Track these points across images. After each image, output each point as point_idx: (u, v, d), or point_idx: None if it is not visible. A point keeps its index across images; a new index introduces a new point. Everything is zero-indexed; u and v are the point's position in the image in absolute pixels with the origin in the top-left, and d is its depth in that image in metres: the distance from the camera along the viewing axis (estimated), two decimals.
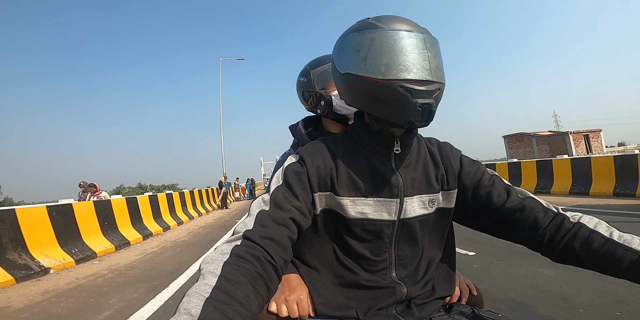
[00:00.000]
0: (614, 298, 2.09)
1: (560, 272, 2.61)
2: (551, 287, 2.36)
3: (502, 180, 0.73)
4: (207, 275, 0.48)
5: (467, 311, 0.72)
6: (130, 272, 3.86)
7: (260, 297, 0.49)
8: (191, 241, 5.77)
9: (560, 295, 2.21)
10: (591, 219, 0.64)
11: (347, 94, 0.69)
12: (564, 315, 1.94)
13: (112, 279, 3.63)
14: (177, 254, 4.76)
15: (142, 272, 3.83)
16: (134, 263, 4.35)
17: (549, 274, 2.61)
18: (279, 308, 0.68)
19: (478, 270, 2.88)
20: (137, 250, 5.20)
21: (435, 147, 0.76)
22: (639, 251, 0.57)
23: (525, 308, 2.07)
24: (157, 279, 3.48)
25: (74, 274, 3.97)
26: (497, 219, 0.69)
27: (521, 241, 0.69)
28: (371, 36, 0.61)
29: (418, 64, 0.60)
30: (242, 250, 0.53)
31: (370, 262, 0.69)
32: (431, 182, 0.71)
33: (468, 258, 3.27)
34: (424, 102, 0.59)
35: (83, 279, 3.69)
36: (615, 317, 1.89)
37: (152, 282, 3.38)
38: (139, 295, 2.97)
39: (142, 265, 4.21)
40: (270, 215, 0.60)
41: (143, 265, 4.21)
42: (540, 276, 2.60)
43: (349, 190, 0.68)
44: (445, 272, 0.75)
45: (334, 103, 0.94)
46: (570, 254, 0.63)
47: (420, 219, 0.70)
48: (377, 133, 0.69)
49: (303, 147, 0.73)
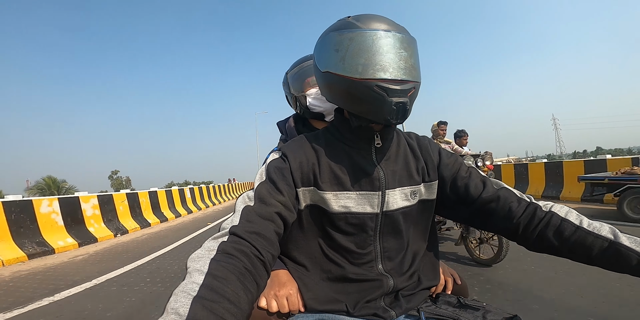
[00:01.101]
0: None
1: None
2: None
3: (478, 172, 0.76)
4: (194, 273, 0.47)
5: (453, 301, 0.73)
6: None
7: (249, 293, 0.48)
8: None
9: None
10: (562, 208, 0.66)
11: (327, 91, 0.71)
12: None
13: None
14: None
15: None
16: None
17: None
18: (269, 303, 0.67)
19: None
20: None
21: (414, 140, 0.79)
22: (608, 238, 0.59)
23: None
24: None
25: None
26: (474, 210, 0.72)
27: (498, 231, 0.71)
28: (350, 36, 0.64)
29: (394, 64, 0.62)
30: (229, 246, 0.52)
31: (356, 255, 0.70)
32: (412, 175, 0.74)
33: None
34: (398, 101, 0.62)
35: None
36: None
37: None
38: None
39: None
40: (256, 210, 0.60)
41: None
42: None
43: (331, 185, 0.69)
44: (430, 263, 0.77)
45: (307, 103, 0.98)
46: (544, 242, 0.65)
47: (403, 211, 0.71)
48: (356, 128, 0.71)
49: (285, 144, 0.74)
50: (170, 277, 3.28)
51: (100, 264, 3.98)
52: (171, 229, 6.85)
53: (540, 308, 2.08)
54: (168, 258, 4.15)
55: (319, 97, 0.96)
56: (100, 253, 4.71)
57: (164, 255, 4.32)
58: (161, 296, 2.71)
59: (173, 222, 7.85)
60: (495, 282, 2.61)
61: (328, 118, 0.99)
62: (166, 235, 5.95)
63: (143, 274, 3.42)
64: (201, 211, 10.33)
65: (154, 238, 5.78)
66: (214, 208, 11.44)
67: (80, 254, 4.69)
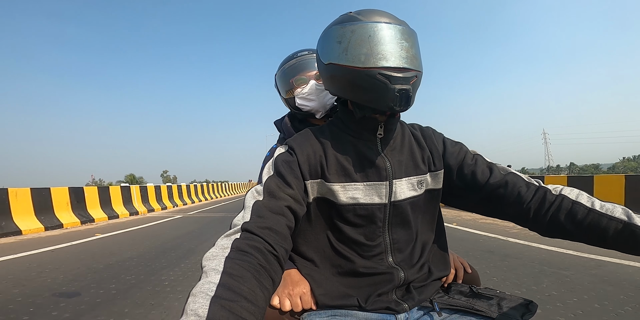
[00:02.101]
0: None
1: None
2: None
3: (484, 158, 0.75)
4: (210, 273, 0.47)
5: (466, 290, 0.73)
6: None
7: (265, 290, 0.48)
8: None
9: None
10: (572, 190, 0.65)
11: (331, 82, 0.71)
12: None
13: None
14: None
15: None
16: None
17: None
18: (282, 302, 0.66)
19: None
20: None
21: (418, 131, 0.79)
22: (622, 220, 0.58)
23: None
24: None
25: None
26: (483, 197, 0.71)
27: (509, 217, 0.71)
28: (352, 28, 0.65)
29: (395, 53, 0.63)
30: (242, 243, 0.52)
31: (366, 248, 0.69)
32: (418, 164, 0.74)
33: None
34: (401, 88, 0.62)
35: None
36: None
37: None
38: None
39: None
40: (266, 205, 0.60)
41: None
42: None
43: (339, 176, 0.69)
44: (439, 253, 0.77)
45: (295, 102, 0.98)
46: (557, 226, 0.64)
47: (410, 201, 0.71)
48: (360, 119, 0.71)
49: (291, 138, 0.74)
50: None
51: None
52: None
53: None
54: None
55: (305, 96, 0.96)
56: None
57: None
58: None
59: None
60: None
61: (318, 115, 0.99)
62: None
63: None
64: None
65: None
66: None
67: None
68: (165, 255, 3.70)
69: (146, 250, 4.05)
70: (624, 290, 2.20)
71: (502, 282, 2.45)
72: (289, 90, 1.01)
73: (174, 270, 3.08)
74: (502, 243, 3.91)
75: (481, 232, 4.74)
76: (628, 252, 0.59)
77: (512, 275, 2.58)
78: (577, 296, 2.10)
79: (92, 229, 6.13)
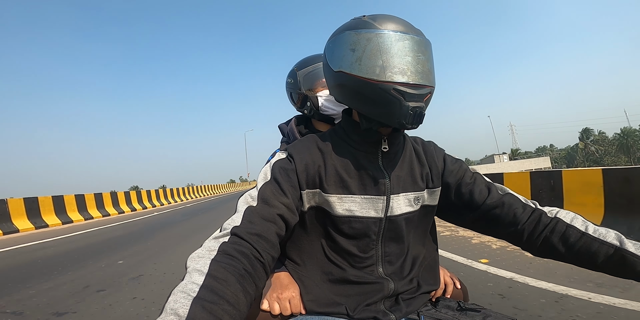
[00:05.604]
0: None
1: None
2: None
3: (483, 177, 0.76)
4: (194, 274, 0.47)
5: (453, 305, 0.74)
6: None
7: (248, 295, 0.48)
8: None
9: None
10: (567, 214, 0.66)
11: (338, 91, 0.69)
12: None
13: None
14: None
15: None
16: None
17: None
18: (272, 306, 0.67)
19: None
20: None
21: (420, 146, 0.78)
22: (614, 245, 0.59)
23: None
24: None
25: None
26: (479, 216, 0.72)
27: (503, 236, 0.72)
28: (367, 36, 0.62)
29: (412, 68, 0.61)
30: (229, 247, 0.52)
31: (358, 259, 0.70)
32: (416, 180, 0.73)
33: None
34: (415, 105, 0.61)
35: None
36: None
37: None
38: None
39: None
40: (258, 211, 0.60)
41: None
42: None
43: (336, 188, 0.68)
44: (430, 268, 0.77)
45: (319, 104, 0.95)
46: (549, 248, 0.65)
47: (406, 216, 0.71)
48: (365, 131, 0.69)
49: (291, 144, 0.73)
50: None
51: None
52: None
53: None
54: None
55: (332, 99, 0.93)
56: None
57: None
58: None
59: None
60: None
61: (337, 121, 0.96)
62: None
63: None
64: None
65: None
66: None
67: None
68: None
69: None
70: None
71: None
72: (314, 89, 0.98)
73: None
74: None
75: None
76: (616, 275, 0.61)
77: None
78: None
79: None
